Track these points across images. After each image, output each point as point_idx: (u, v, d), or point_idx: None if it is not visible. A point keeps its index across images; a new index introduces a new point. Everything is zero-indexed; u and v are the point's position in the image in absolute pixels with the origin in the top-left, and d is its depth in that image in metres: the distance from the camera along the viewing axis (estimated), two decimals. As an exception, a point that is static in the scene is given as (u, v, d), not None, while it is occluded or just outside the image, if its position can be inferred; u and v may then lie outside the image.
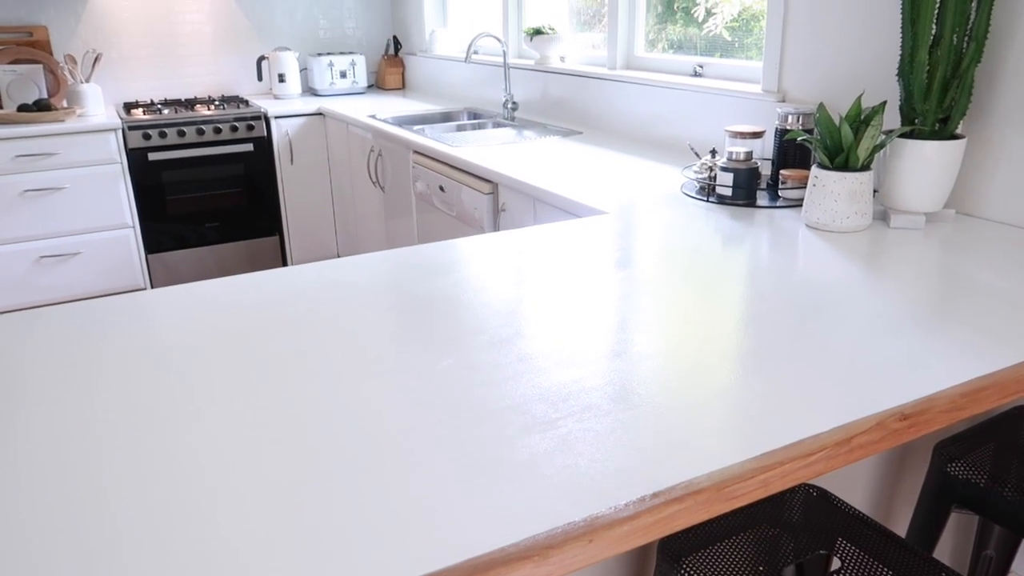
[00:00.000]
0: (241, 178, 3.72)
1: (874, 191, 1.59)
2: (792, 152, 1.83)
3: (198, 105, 3.79)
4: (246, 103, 3.86)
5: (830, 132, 1.52)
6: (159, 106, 3.76)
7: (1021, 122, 1.53)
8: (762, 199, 1.78)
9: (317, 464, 0.79)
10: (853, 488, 1.51)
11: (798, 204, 1.73)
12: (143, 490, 0.75)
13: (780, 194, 1.77)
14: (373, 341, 1.07)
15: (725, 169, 1.75)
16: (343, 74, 4.13)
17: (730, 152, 1.76)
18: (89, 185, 3.39)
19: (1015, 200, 1.56)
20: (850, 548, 1.07)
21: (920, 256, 1.39)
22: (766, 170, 1.96)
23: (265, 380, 0.96)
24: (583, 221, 1.64)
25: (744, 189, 1.74)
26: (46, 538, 0.69)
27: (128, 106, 3.79)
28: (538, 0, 3.26)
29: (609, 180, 2.02)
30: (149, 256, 3.63)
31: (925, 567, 1.03)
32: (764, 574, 1.02)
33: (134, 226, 3.54)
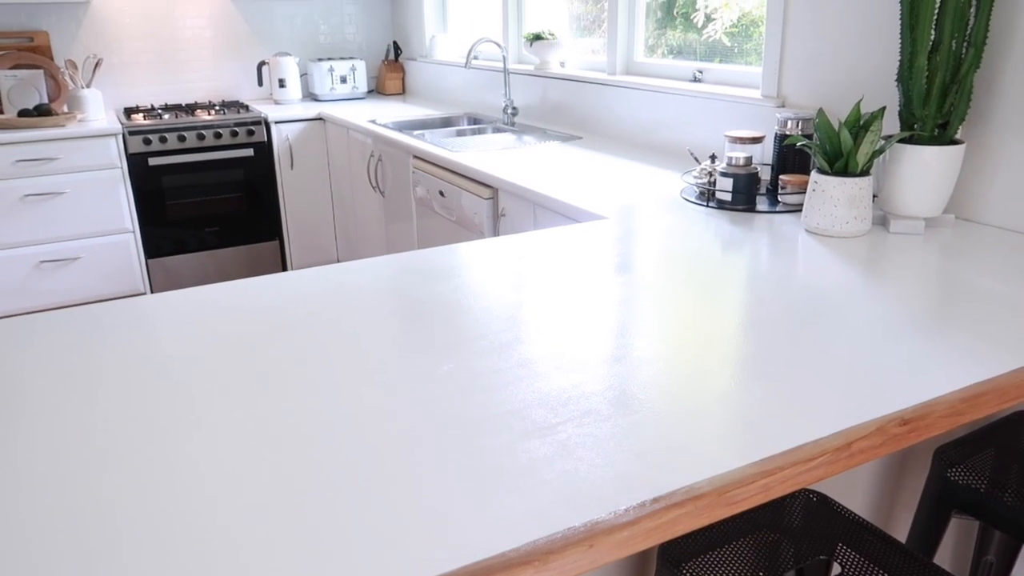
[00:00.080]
0: (241, 183, 3.72)
1: (873, 196, 1.59)
2: (791, 157, 1.83)
3: (198, 110, 3.79)
4: (246, 108, 3.87)
5: (829, 137, 1.52)
6: (159, 111, 3.76)
7: (1020, 127, 1.53)
8: (762, 204, 1.78)
9: (317, 469, 0.79)
10: (853, 493, 1.51)
11: (797, 209, 1.73)
12: (144, 497, 0.75)
13: (780, 199, 1.78)
14: (373, 346, 1.07)
15: (725, 174, 1.75)
16: (343, 79, 4.14)
17: (730, 157, 1.77)
18: (89, 190, 3.39)
19: (1014, 205, 1.56)
20: (850, 553, 1.07)
21: (920, 261, 1.39)
22: (766, 175, 1.96)
23: (265, 385, 0.96)
24: (583, 226, 1.64)
25: (744, 194, 1.75)
26: (47, 544, 0.69)
27: (129, 111, 3.80)
28: (538, 6, 3.27)
29: (609, 185, 2.02)
30: (149, 261, 3.63)
31: (925, 572, 1.03)
32: (764, 579, 1.02)
33: (134, 231, 3.54)
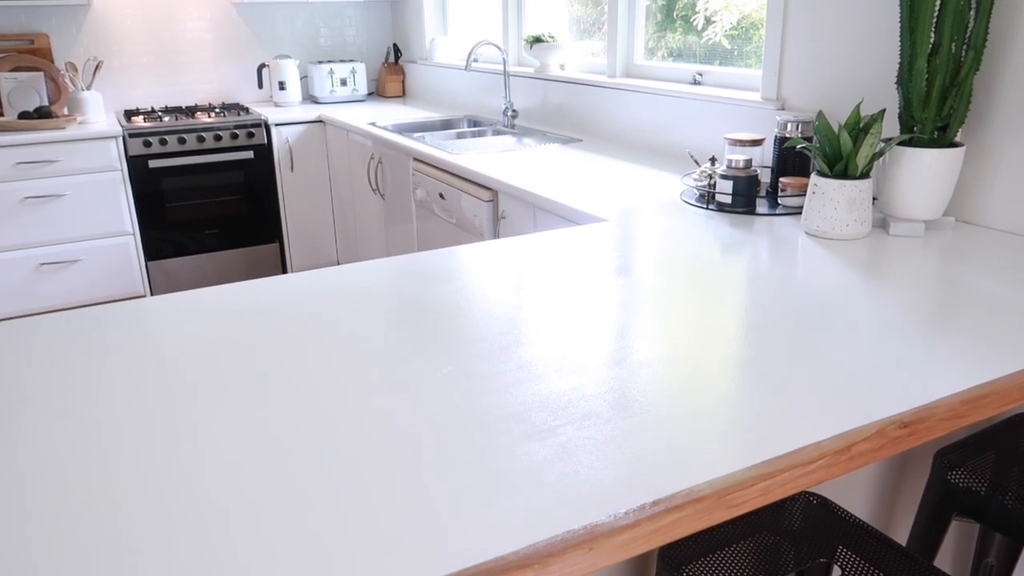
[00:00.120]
0: (241, 185, 3.72)
1: (873, 199, 1.59)
2: (791, 160, 1.84)
3: (199, 112, 3.80)
4: (246, 111, 3.87)
5: (829, 140, 1.52)
6: (160, 113, 3.77)
7: (1020, 130, 1.53)
8: (761, 207, 1.78)
9: (317, 471, 0.78)
10: (854, 496, 1.50)
11: (797, 212, 1.73)
12: (144, 498, 0.75)
13: (779, 202, 1.78)
14: (373, 348, 1.07)
15: (725, 177, 1.76)
16: (343, 82, 4.14)
17: (729, 160, 1.77)
18: (89, 192, 3.39)
19: (1014, 208, 1.56)
20: (851, 556, 1.07)
21: (919, 264, 1.39)
22: (765, 178, 1.97)
23: (265, 387, 0.96)
24: (583, 228, 1.64)
25: (744, 197, 1.75)
26: (47, 545, 0.68)
27: (129, 113, 3.80)
28: (538, 8, 3.27)
29: (609, 188, 2.03)
30: (149, 263, 3.63)
31: (926, 575, 1.03)
32: (764, 582, 1.02)
33: (134, 233, 3.54)
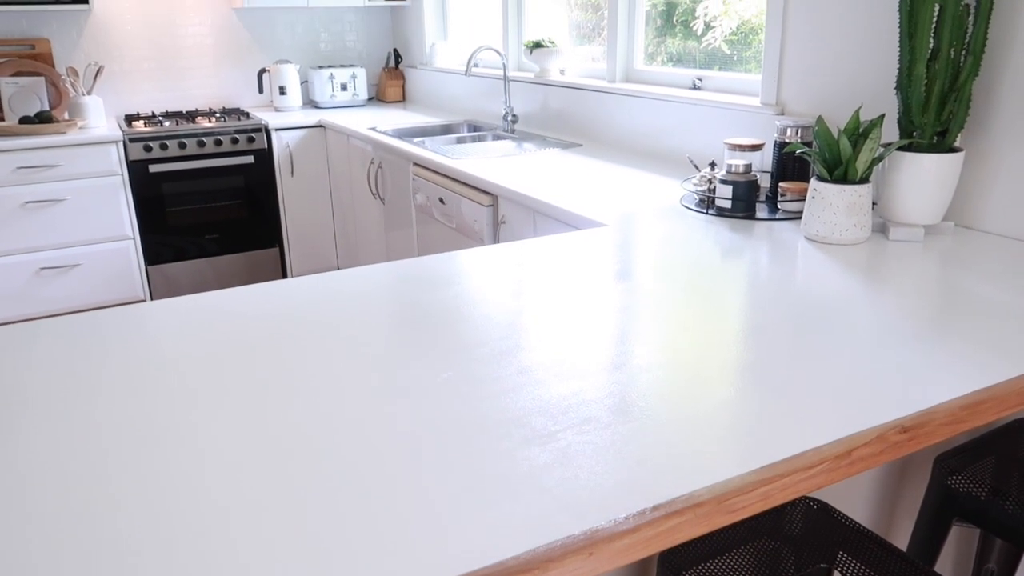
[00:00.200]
0: (241, 190, 3.72)
1: (873, 204, 1.59)
2: (791, 165, 1.84)
3: (199, 117, 3.80)
4: (247, 115, 3.88)
5: (829, 145, 1.53)
6: (160, 118, 3.77)
7: (1019, 135, 1.53)
8: (761, 211, 1.78)
9: (317, 476, 0.78)
10: (854, 501, 1.50)
11: (797, 216, 1.74)
12: (145, 501, 0.75)
13: (779, 206, 1.78)
14: (373, 353, 1.07)
15: (724, 181, 1.76)
16: (344, 87, 4.15)
17: (729, 165, 1.77)
18: (90, 197, 3.40)
19: (1013, 212, 1.56)
20: (851, 562, 1.07)
21: (919, 269, 1.39)
22: (765, 183, 1.97)
23: (265, 391, 0.96)
24: (583, 233, 1.64)
25: (743, 201, 1.75)
26: (48, 547, 0.68)
27: (129, 118, 3.81)
28: (538, 13, 3.28)
29: (609, 192, 2.03)
30: (149, 268, 3.63)
31: (926, 581, 1.03)
32: (765, 588, 1.02)
33: (134, 238, 3.54)
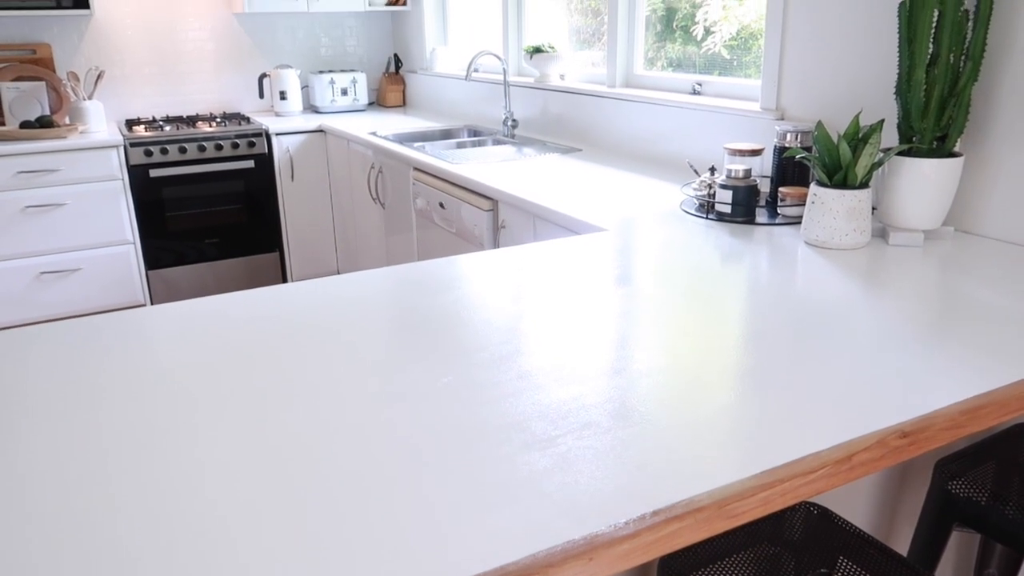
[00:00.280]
0: (242, 194, 3.73)
1: (872, 208, 1.59)
2: (791, 169, 1.84)
3: (199, 122, 3.81)
4: (247, 120, 3.88)
5: (828, 150, 1.53)
6: (161, 123, 3.78)
7: (1018, 140, 1.54)
8: (761, 216, 1.78)
9: (317, 481, 0.78)
10: (854, 506, 1.50)
11: (797, 221, 1.74)
12: (145, 505, 0.75)
13: (779, 211, 1.78)
14: (373, 358, 1.07)
15: (724, 186, 1.76)
16: (344, 91, 4.16)
17: (729, 169, 1.77)
18: (90, 201, 3.40)
19: (1013, 217, 1.56)
20: (851, 567, 1.06)
21: (919, 273, 1.39)
22: (765, 187, 1.97)
23: (265, 396, 0.96)
24: (583, 238, 1.64)
25: (743, 206, 1.75)
26: (49, 551, 0.68)
27: (130, 123, 3.81)
28: (538, 18, 3.29)
29: (609, 197, 2.03)
30: (149, 272, 3.64)
31: (927, 586, 1.02)
32: (765, 593, 1.02)
33: (135, 242, 3.54)
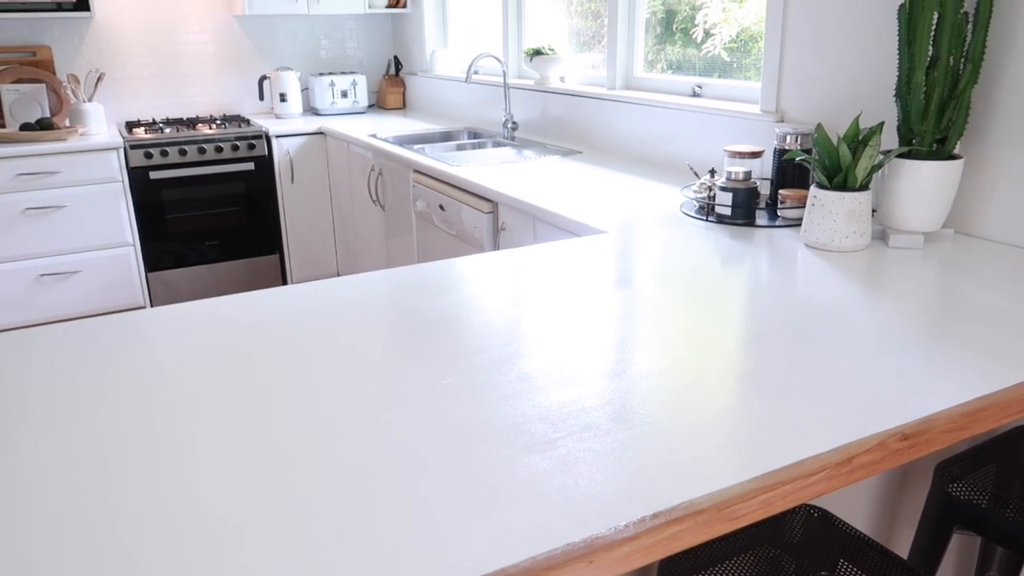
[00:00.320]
0: (242, 197, 3.73)
1: (872, 211, 1.59)
2: (791, 172, 1.84)
3: (199, 124, 3.81)
4: (247, 122, 3.88)
5: (828, 152, 1.53)
6: (161, 125, 3.78)
7: (1018, 142, 1.54)
8: (761, 218, 1.78)
9: (316, 483, 0.78)
10: (854, 509, 1.50)
11: (797, 223, 1.74)
12: (144, 508, 0.75)
13: (779, 213, 1.78)
14: (373, 360, 1.07)
15: (724, 189, 1.76)
16: (344, 94, 4.16)
17: (729, 172, 1.77)
18: (90, 203, 3.40)
19: (1013, 219, 1.56)
20: (852, 569, 1.06)
21: (919, 276, 1.39)
22: (765, 190, 1.97)
23: (265, 398, 0.96)
24: (583, 240, 1.64)
25: (743, 208, 1.75)
26: (48, 554, 0.68)
27: (130, 125, 3.81)
28: (538, 21, 3.29)
29: (608, 199, 2.03)
30: (149, 274, 3.63)
31: (927, 589, 1.02)
32: (765, 596, 1.01)
33: (134, 244, 3.54)
